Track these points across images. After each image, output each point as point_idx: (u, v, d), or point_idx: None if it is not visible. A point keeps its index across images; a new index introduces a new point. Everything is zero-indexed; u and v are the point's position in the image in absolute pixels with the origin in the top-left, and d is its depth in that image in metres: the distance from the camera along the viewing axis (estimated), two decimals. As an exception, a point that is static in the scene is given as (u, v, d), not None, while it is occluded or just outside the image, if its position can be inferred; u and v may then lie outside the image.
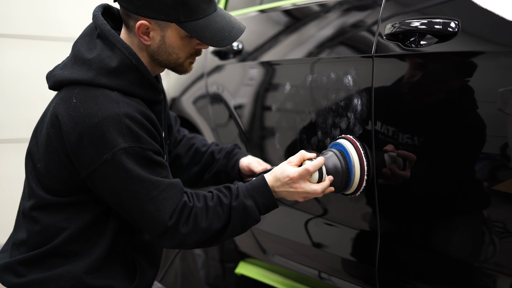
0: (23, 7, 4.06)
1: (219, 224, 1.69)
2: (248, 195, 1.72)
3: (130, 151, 1.62)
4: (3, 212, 3.76)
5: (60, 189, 1.74)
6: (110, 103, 1.64)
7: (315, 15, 2.24)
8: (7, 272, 1.77)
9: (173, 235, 1.67)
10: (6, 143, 4.06)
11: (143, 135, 1.65)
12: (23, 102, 4.04)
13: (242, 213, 1.70)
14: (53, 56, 1.74)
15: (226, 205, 1.70)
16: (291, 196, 1.75)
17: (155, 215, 1.65)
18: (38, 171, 1.75)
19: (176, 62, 1.76)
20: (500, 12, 1.57)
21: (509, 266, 1.58)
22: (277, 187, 1.74)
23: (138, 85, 1.71)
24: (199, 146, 2.17)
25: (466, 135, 1.63)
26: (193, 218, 1.67)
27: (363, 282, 2.03)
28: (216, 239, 1.72)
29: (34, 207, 1.76)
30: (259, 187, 1.74)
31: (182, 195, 1.69)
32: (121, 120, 1.62)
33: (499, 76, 1.55)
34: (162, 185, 1.66)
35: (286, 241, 2.36)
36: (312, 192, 1.73)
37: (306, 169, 1.72)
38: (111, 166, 1.62)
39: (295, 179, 1.72)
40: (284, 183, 1.73)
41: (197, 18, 1.68)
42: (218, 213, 1.69)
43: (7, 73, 4.01)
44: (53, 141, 1.70)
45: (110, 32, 1.70)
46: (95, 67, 1.67)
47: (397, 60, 1.80)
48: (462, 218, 1.69)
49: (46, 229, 1.74)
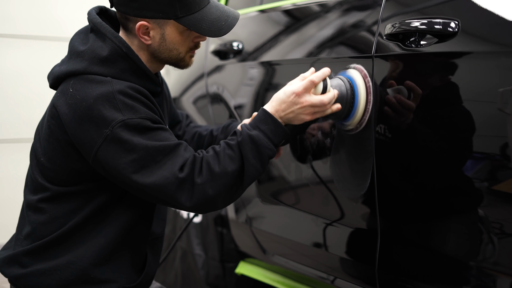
0: (23, 7, 4.06)
1: (234, 165, 1.68)
2: (251, 127, 1.72)
3: (129, 123, 1.66)
4: (3, 212, 3.76)
5: (65, 179, 1.76)
6: (103, 83, 1.69)
7: (315, 15, 2.24)
8: (12, 263, 1.79)
9: (191, 188, 1.66)
10: (7, 143, 4.06)
11: (139, 106, 1.69)
12: (23, 102, 4.05)
13: (251, 144, 1.69)
14: (53, 56, 1.76)
15: (234, 145, 1.70)
16: (299, 117, 1.74)
17: (166, 175, 1.65)
18: (42, 164, 1.79)
19: (177, 57, 1.81)
20: (500, 12, 1.57)
21: (509, 265, 1.58)
22: (282, 111, 1.73)
23: (130, 73, 1.75)
24: (202, 131, 2.20)
25: (466, 135, 1.63)
26: (206, 166, 1.67)
27: (363, 282, 2.03)
28: (238, 183, 1.70)
29: (42, 199, 1.78)
30: (260, 117, 1.74)
31: (190, 154, 1.70)
32: (115, 96, 1.67)
33: (499, 76, 1.55)
34: (166, 149, 1.67)
35: (286, 241, 2.36)
36: (319, 104, 1.72)
37: (310, 80, 1.72)
38: (112, 141, 1.65)
39: (301, 93, 1.72)
40: (290, 102, 1.72)
41: (193, 12, 1.73)
42: (229, 155, 1.69)
43: (7, 73, 4.01)
44: (54, 133, 1.74)
45: (101, 24, 1.76)
46: (87, 57, 1.73)
47: (397, 60, 1.80)
48: (462, 218, 1.69)
49: (53, 219, 1.77)
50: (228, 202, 1.76)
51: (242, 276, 2.79)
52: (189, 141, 2.20)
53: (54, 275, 1.75)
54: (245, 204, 2.58)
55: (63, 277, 1.74)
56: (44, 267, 1.75)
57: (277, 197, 2.40)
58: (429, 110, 1.72)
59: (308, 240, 2.24)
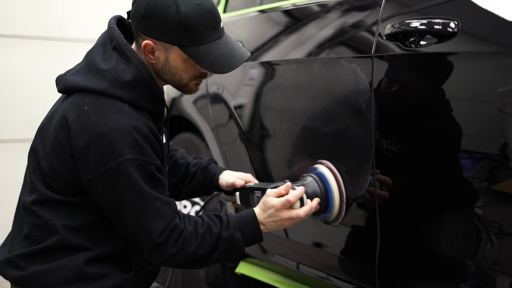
0: (23, 7, 4.06)
1: (205, 250, 1.77)
2: (237, 227, 1.81)
3: (135, 163, 1.68)
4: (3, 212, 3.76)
5: (63, 188, 1.76)
6: (121, 114, 1.70)
7: (315, 15, 2.24)
8: (9, 266, 1.79)
9: (162, 252, 1.74)
10: (6, 143, 4.06)
11: (148, 149, 1.71)
12: (23, 102, 4.04)
13: (230, 243, 1.79)
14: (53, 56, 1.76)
15: (215, 234, 1.78)
16: (280, 227, 1.86)
17: (146, 229, 1.72)
18: (42, 169, 1.78)
19: (180, 82, 1.82)
20: (500, 12, 1.57)
21: (509, 265, 1.59)
22: (265, 219, 1.84)
23: (147, 100, 1.77)
24: (178, 158, 2.24)
25: (466, 135, 1.63)
26: (182, 240, 1.75)
27: (363, 282, 2.03)
28: (201, 263, 1.80)
29: (35, 201, 1.78)
30: (249, 221, 1.84)
31: (174, 216, 1.76)
32: (130, 132, 1.68)
33: (499, 76, 1.55)
34: (157, 202, 1.72)
35: (286, 241, 2.36)
36: (296, 217, 1.84)
37: (287, 200, 1.83)
38: (115, 174, 1.67)
39: (279, 208, 1.83)
40: (270, 214, 1.84)
41: (199, 44, 1.73)
42: (206, 240, 1.77)
43: (7, 73, 4.01)
44: (61, 144, 1.74)
45: (126, 46, 1.76)
46: (109, 78, 1.73)
47: (396, 60, 1.80)
48: (462, 218, 1.69)
49: (47, 224, 1.77)
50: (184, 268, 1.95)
51: (242, 276, 2.80)
52: None
53: (53, 275, 1.75)
54: (245, 204, 2.58)
55: (62, 276, 1.75)
56: (43, 268, 1.76)
57: (277, 197, 2.39)
58: (428, 110, 1.72)
59: (308, 240, 2.25)
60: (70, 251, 1.77)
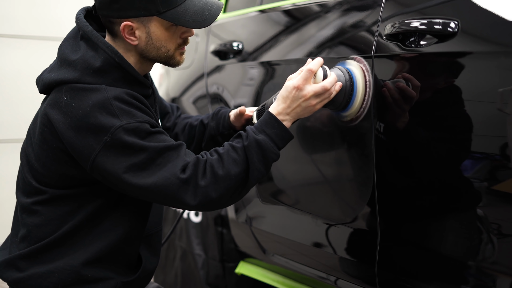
0: (23, 7, 4.06)
1: (238, 168, 1.69)
2: (257, 131, 1.72)
3: (128, 128, 1.66)
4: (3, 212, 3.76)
5: (60, 184, 1.76)
6: (97, 90, 1.69)
7: (315, 15, 2.24)
8: (9, 267, 1.79)
9: (195, 190, 1.67)
10: (6, 143, 4.06)
11: (136, 111, 1.69)
12: (23, 102, 4.05)
13: (257, 149, 1.69)
14: (53, 56, 1.75)
15: (239, 148, 1.70)
16: (307, 109, 1.74)
17: (167, 176, 1.66)
18: (35, 170, 1.78)
19: (166, 55, 1.80)
20: (500, 12, 1.57)
21: (509, 265, 1.59)
22: (288, 107, 1.74)
23: (123, 82, 1.75)
24: (192, 121, 2.19)
25: (466, 135, 1.63)
26: (210, 169, 1.68)
27: (363, 282, 2.03)
28: (241, 185, 1.71)
29: (36, 201, 1.78)
30: (266, 120, 1.74)
31: (190, 155, 1.71)
32: (111, 103, 1.67)
33: (499, 76, 1.55)
34: (166, 151, 1.68)
35: (286, 241, 2.36)
36: (322, 90, 1.73)
37: (308, 69, 1.73)
38: (112, 146, 1.66)
39: (301, 85, 1.73)
40: (292, 97, 1.73)
41: (175, 6, 1.73)
42: (233, 158, 1.69)
43: (7, 73, 4.01)
44: (48, 140, 1.74)
45: (92, 33, 1.75)
46: (80, 67, 1.72)
47: (397, 60, 1.80)
48: (462, 218, 1.69)
49: (48, 222, 1.76)
50: (231, 203, 1.76)
51: (242, 276, 2.80)
52: (180, 133, 2.19)
53: (51, 278, 1.74)
54: (245, 204, 2.58)
55: (60, 280, 1.74)
56: (41, 270, 1.75)
57: (277, 197, 2.40)
58: (429, 110, 1.72)
59: (308, 240, 2.25)
60: (70, 249, 1.76)
